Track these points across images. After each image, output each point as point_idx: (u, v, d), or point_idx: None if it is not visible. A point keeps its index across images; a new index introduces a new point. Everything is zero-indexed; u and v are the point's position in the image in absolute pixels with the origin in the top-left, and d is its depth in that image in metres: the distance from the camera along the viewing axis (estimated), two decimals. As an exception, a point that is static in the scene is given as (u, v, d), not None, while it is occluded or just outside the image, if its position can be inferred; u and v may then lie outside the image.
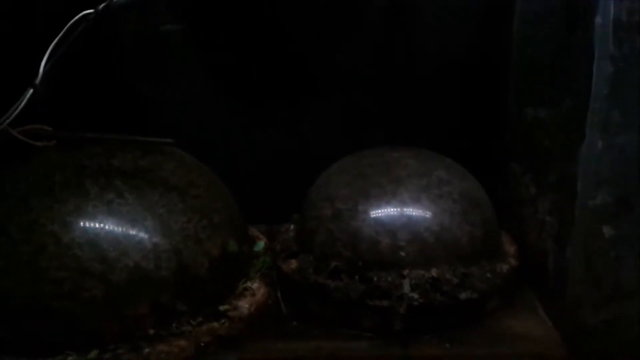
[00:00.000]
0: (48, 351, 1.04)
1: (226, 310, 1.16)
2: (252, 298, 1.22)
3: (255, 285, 1.26)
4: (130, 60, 1.56)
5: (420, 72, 1.60)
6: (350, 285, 1.21)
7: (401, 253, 1.22)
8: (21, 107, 1.12)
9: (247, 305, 1.20)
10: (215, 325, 1.14)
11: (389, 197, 1.27)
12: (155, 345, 1.08)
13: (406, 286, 1.19)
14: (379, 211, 1.27)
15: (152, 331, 1.09)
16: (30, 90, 1.13)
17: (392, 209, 1.26)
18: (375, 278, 1.21)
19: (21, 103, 1.12)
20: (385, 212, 1.26)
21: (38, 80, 1.13)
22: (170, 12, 1.55)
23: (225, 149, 1.62)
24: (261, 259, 1.34)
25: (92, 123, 1.25)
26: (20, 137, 1.14)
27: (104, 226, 1.10)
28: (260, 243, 1.39)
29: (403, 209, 1.26)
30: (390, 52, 1.61)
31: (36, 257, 1.05)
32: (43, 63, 1.13)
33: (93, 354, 1.05)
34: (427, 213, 1.26)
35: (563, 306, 1.19)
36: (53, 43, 1.14)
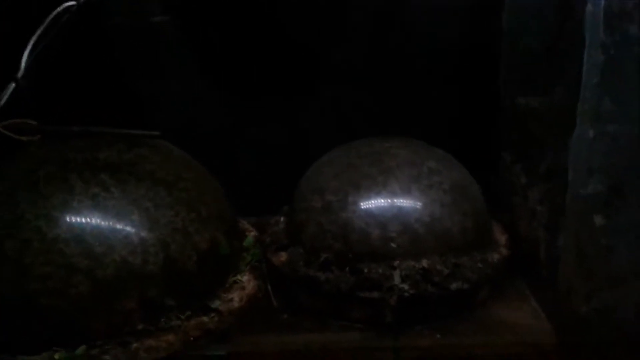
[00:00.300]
0: (34, 347, 1.03)
1: (216, 306, 1.15)
2: (242, 291, 1.22)
3: (245, 278, 1.25)
4: (119, 52, 1.54)
5: (412, 65, 1.60)
6: (340, 277, 1.21)
7: (392, 244, 1.22)
8: (3, 102, 1.10)
9: (237, 298, 1.20)
10: (204, 319, 1.13)
11: (380, 188, 1.26)
12: (143, 340, 1.07)
13: (397, 277, 1.19)
14: (369, 202, 1.26)
15: (141, 326, 1.08)
16: (12, 84, 1.11)
17: (383, 200, 1.25)
18: (365, 270, 1.20)
19: (3, 98, 1.10)
20: (375, 203, 1.25)
21: (20, 74, 1.11)
22: (162, 3, 1.53)
23: (216, 142, 1.61)
24: (251, 252, 1.33)
25: (78, 116, 1.23)
26: (4, 132, 1.13)
27: (90, 221, 1.09)
28: (249, 237, 1.38)
29: (393, 200, 1.25)
30: (382, 46, 1.60)
31: (21, 253, 1.04)
32: (25, 57, 1.11)
33: (81, 350, 1.04)
34: (418, 204, 1.25)
35: (554, 295, 1.19)
36: (35, 36, 1.12)
